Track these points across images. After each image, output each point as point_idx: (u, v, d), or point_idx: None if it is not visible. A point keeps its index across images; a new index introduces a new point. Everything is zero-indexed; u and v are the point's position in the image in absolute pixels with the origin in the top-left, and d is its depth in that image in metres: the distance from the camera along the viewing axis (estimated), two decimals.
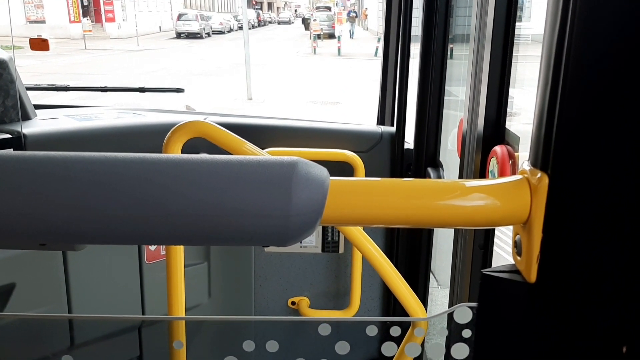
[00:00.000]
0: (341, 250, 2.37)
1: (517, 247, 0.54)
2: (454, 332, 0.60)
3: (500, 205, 0.52)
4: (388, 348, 0.64)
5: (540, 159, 0.51)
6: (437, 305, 2.98)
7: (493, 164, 1.33)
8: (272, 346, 0.67)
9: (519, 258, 0.54)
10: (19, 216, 0.45)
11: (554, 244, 0.51)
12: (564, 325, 0.53)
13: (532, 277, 0.52)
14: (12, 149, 1.81)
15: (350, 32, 28.82)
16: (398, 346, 0.65)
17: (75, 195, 0.46)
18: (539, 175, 0.51)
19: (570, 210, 0.50)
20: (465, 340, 0.59)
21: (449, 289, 1.81)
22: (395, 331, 0.64)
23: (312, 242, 2.37)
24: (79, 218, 0.46)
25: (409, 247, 2.22)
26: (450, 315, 0.59)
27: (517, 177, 0.53)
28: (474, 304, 0.57)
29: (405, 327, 0.72)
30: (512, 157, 1.28)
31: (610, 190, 0.49)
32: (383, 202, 0.52)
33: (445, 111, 2.02)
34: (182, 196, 0.46)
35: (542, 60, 0.51)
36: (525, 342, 0.54)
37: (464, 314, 0.58)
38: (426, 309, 1.88)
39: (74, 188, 0.46)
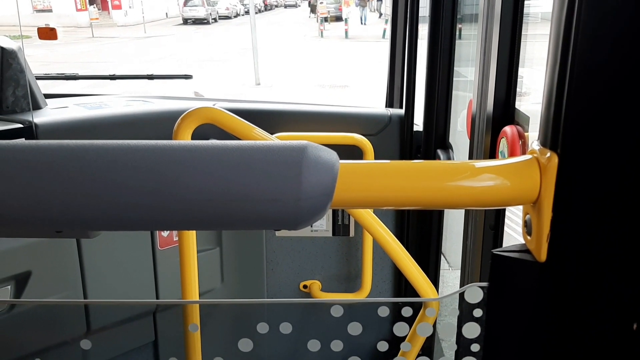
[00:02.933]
0: (352, 233, 2.38)
1: (527, 227, 0.55)
2: (465, 312, 0.60)
3: (510, 185, 0.52)
4: (400, 328, 0.65)
5: (549, 139, 0.51)
6: (448, 287, 2.99)
7: (503, 145, 1.32)
8: (285, 328, 0.68)
9: (529, 238, 0.55)
10: (35, 205, 0.46)
11: (563, 223, 0.51)
12: (574, 304, 0.53)
13: (542, 256, 0.52)
14: (23, 139, 1.83)
15: (361, 18, 27.71)
16: (410, 326, 0.66)
17: (89, 182, 0.46)
18: (548, 154, 0.51)
19: (579, 189, 0.50)
20: (476, 320, 0.60)
21: (459, 271, 1.81)
22: (406, 312, 0.65)
23: (323, 226, 2.38)
24: (93, 205, 0.46)
25: (419, 229, 2.22)
26: (461, 296, 0.59)
27: (527, 157, 0.53)
28: (484, 284, 0.58)
29: (416, 307, 0.73)
30: (522, 137, 1.27)
31: (620, 169, 0.49)
32: (393, 185, 0.52)
33: (454, 92, 2.01)
34: (193, 182, 0.47)
35: (550, 37, 0.51)
36: (536, 321, 0.54)
37: (475, 293, 0.58)
38: (437, 291, 1.89)
39: (87, 176, 0.46)
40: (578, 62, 0.48)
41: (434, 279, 2.19)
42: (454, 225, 2.62)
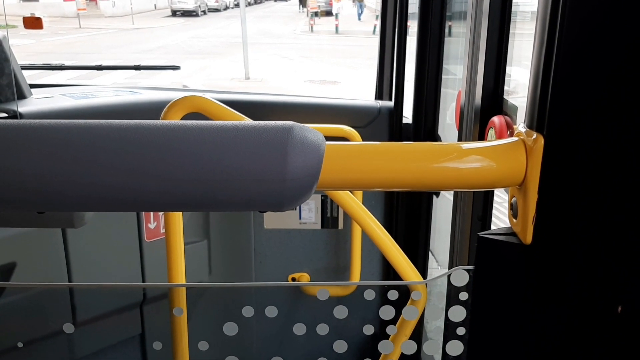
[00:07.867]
0: (340, 226, 2.38)
1: (513, 210, 0.55)
2: (451, 296, 0.60)
3: (496, 167, 0.52)
4: (386, 312, 0.65)
5: (535, 121, 0.51)
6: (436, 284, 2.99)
7: (491, 135, 1.32)
8: (271, 311, 0.68)
9: (514, 220, 0.55)
10: (15, 180, 0.45)
11: (549, 205, 0.51)
12: (559, 286, 0.53)
13: (528, 238, 0.52)
14: None
15: (358, 13, 27.28)
16: (396, 310, 0.66)
17: (71, 160, 0.45)
18: (534, 136, 0.51)
19: (565, 171, 0.50)
20: (462, 303, 0.60)
21: (447, 268, 1.81)
22: (392, 295, 0.65)
23: (312, 218, 2.38)
24: (74, 183, 0.45)
25: (407, 223, 2.22)
26: (448, 279, 0.59)
27: (513, 139, 0.53)
28: (470, 267, 0.58)
29: (404, 295, 0.73)
30: (510, 127, 1.27)
31: (605, 151, 0.49)
32: (379, 166, 0.52)
33: (443, 90, 2.01)
34: (177, 161, 0.46)
35: (537, 19, 0.50)
36: (521, 303, 0.55)
37: (461, 276, 0.58)
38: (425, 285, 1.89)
39: (69, 153, 0.45)
40: (564, 44, 0.48)
41: (422, 273, 2.20)
42: (442, 224, 2.62)
